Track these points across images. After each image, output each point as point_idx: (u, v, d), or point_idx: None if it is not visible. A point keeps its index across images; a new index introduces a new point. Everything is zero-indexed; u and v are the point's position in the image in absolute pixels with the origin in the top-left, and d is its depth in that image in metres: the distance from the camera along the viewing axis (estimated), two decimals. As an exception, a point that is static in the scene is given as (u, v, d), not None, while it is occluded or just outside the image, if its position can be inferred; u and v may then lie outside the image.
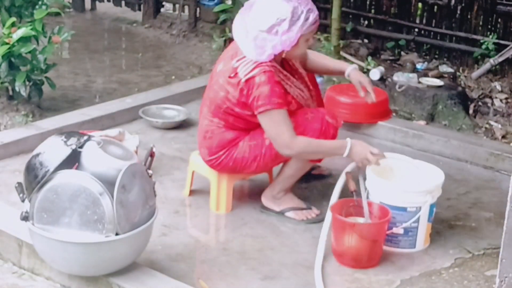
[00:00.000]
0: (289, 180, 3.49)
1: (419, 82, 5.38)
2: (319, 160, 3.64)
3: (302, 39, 3.24)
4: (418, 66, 5.76)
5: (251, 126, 3.35)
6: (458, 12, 6.10)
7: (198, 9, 7.21)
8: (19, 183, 2.72)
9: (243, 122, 3.34)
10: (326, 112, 3.39)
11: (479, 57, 5.94)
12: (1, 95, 4.65)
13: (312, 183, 3.85)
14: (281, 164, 3.52)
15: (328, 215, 3.22)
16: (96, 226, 2.61)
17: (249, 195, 3.75)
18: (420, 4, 6.36)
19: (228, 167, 3.41)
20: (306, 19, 3.19)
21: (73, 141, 2.71)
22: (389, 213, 3.09)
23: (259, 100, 3.19)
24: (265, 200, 3.56)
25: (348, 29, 6.45)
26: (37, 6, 4.55)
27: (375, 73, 5.46)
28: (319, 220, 3.37)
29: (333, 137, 3.35)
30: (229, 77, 3.27)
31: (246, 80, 3.20)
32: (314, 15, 3.23)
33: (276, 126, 3.21)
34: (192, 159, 3.67)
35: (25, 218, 2.68)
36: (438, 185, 3.22)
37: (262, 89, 3.18)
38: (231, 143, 3.37)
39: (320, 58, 3.78)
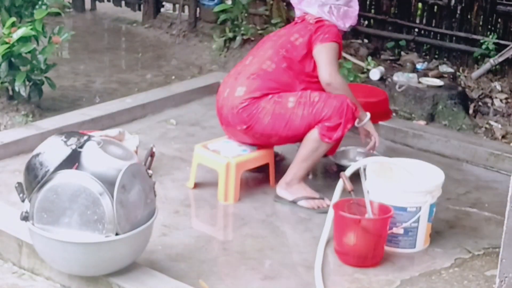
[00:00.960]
0: (302, 165, 3.56)
1: (419, 82, 5.38)
2: (333, 151, 3.89)
3: None
4: (418, 66, 5.77)
5: (292, 81, 3.58)
6: (458, 12, 6.10)
7: (198, 9, 7.20)
8: (19, 183, 2.72)
9: (292, 73, 3.59)
10: (349, 98, 3.55)
11: (479, 57, 5.94)
12: (1, 95, 4.65)
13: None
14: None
15: (330, 214, 3.23)
16: (96, 226, 2.61)
17: (255, 187, 3.80)
18: (420, 4, 6.36)
19: (249, 112, 3.51)
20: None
21: (73, 141, 2.71)
22: (391, 210, 3.09)
23: (327, 34, 3.63)
24: (279, 189, 3.63)
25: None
26: (37, 6, 4.55)
27: (375, 73, 5.47)
28: None
29: (348, 121, 3.50)
30: (295, 23, 3.78)
31: (316, 21, 3.67)
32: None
33: (332, 56, 3.61)
34: (197, 151, 3.72)
35: (25, 218, 2.68)
36: (438, 185, 3.22)
37: (331, 28, 3.66)
38: (268, 91, 3.54)
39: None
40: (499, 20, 5.95)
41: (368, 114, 3.75)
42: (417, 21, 6.42)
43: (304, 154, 3.54)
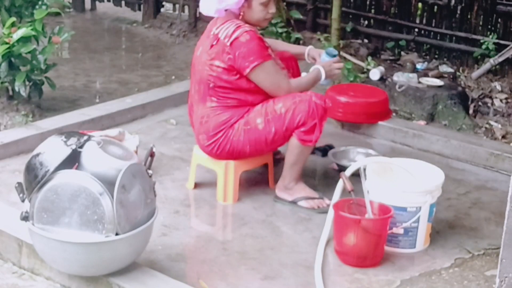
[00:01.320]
0: (294, 168, 3.56)
1: (419, 82, 5.38)
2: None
3: (256, 2, 3.42)
4: (418, 66, 5.76)
5: (241, 100, 3.47)
6: (458, 12, 6.10)
7: (198, 9, 7.20)
8: (19, 183, 2.72)
9: (233, 93, 3.45)
10: (313, 94, 3.46)
11: (479, 57, 5.94)
12: (1, 95, 4.65)
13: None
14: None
15: (330, 214, 3.23)
16: (96, 226, 2.61)
17: (255, 187, 3.79)
18: (420, 4, 6.36)
19: (226, 151, 3.50)
20: None
21: (73, 141, 2.71)
22: (391, 210, 3.09)
23: (249, 57, 3.36)
24: (278, 190, 3.64)
25: (348, 29, 6.45)
26: (37, 6, 4.55)
27: (375, 73, 5.46)
28: None
29: (322, 118, 3.43)
30: (211, 46, 3.42)
31: (231, 43, 3.35)
32: None
33: (273, 77, 3.45)
34: (196, 152, 3.72)
35: (25, 218, 2.68)
36: (438, 185, 3.22)
37: (249, 46, 3.35)
38: (227, 124, 3.47)
39: (279, 44, 3.98)
40: (499, 20, 5.95)
41: (321, 70, 3.64)
42: (417, 21, 6.41)
43: (292, 159, 3.54)
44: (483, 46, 5.86)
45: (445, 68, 5.80)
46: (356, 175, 3.28)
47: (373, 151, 4.17)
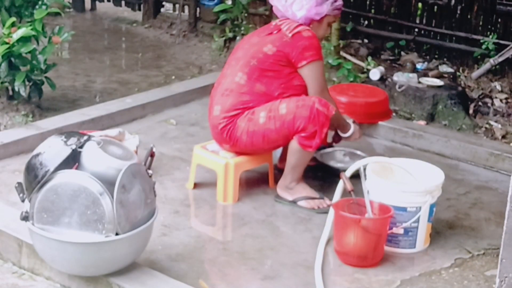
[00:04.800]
0: (295, 170, 3.56)
1: (419, 82, 5.38)
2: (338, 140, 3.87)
3: (326, 19, 3.64)
4: (418, 66, 5.77)
5: (269, 91, 3.51)
6: (458, 12, 6.11)
7: (198, 9, 7.21)
8: (19, 183, 2.72)
9: (266, 80, 3.51)
10: (318, 100, 3.44)
11: (479, 57, 5.94)
12: (1, 95, 4.65)
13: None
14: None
15: (330, 214, 3.23)
16: (96, 226, 2.61)
17: (255, 187, 3.79)
18: (420, 4, 6.36)
19: (226, 131, 3.52)
20: (335, 1, 3.64)
21: (73, 141, 2.71)
22: (391, 210, 3.09)
23: (310, 51, 3.50)
24: (279, 190, 3.65)
25: (348, 29, 6.45)
26: (37, 6, 4.55)
27: (375, 73, 5.47)
28: None
29: (323, 125, 3.42)
30: (269, 33, 3.58)
31: (293, 35, 3.51)
32: (340, 1, 3.67)
33: (323, 78, 3.59)
34: (196, 152, 3.73)
35: (25, 218, 2.68)
36: (438, 185, 3.22)
37: (311, 41, 3.52)
38: (243, 106, 3.50)
39: None
40: (499, 20, 5.95)
41: (351, 124, 3.73)
42: (417, 21, 6.42)
43: (293, 162, 3.54)
44: (483, 46, 5.87)
45: (445, 68, 5.80)
46: (356, 176, 3.28)
47: (361, 152, 4.13)
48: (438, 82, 5.40)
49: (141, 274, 2.76)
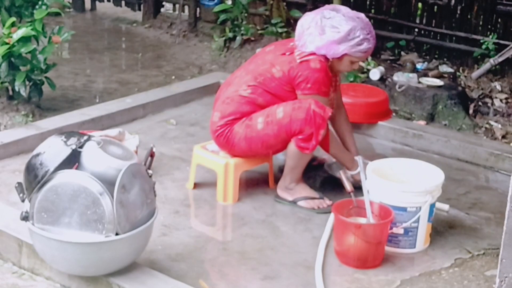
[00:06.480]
0: (294, 171, 3.57)
1: (419, 82, 5.38)
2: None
3: (347, 58, 3.49)
4: (418, 66, 5.76)
5: (270, 103, 3.50)
6: (458, 12, 6.11)
7: (198, 9, 7.21)
8: (19, 183, 2.72)
9: (269, 96, 3.50)
10: (313, 102, 3.43)
11: (479, 57, 5.94)
12: (1, 95, 4.65)
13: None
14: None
15: (331, 215, 3.23)
16: (96, 226, 2.61)
17: (255, 187, 3.79)
18: (420, 4, 6.36)
19: (224, 136, 3.53)
20: (358, 44, 3.46)
21: (73, 141, 2.71)
22: (391, 212, 3.09)
23: (309, 83, 3.43)
24: (279, 190, 3.65)
25: (348, 29, 6.44)
26: (37, 6, 4.55)
27: (375, 73, 5.47)
28: (331, 211, 3.38)
29: (320, 127, 3.41)
30: (282, 54, 3.52)
31: (301, 62, 3.44)
32: (368, 45, 3.51)
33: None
34: (196, 152, 3.73)
35: (25, 218, 2.68)
36: (438, 185, 3.22)
37: (315, 74, 3.43)
38: (242, 115, 3.51)
39: (347, 130, 3.90)
40: (499, 20, 5.95)
41: (357, 161, 3.60)
42: (417, 21, 6.42)
43: (292, 164, 3.55)
44: (483, 46, 5.87)
45: (445, 68, 5.80)
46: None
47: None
48: (438, 82, 5.40)
49: (141, 274, 2.76)
